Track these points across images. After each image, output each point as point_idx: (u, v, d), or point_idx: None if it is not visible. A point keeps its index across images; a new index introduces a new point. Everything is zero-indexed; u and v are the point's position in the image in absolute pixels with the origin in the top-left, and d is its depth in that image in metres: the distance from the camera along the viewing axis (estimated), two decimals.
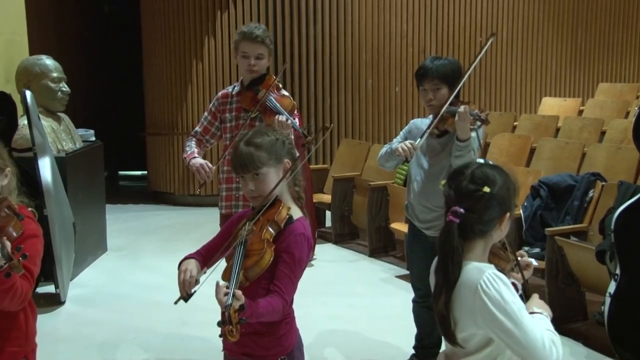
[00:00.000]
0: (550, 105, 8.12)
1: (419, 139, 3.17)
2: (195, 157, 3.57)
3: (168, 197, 8.12)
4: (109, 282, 5.26)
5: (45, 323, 4.05)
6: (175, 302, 2.13)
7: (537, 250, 4.39)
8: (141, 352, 3.98)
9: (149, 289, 5.02)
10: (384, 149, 3.38)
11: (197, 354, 3.94)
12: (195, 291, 2.13)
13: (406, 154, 3.13)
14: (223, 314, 1.89)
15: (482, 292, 1.78)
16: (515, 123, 7.17)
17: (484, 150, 6.03)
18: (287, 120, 3.32)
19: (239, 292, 1.95)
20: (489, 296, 1.77)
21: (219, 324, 1.88)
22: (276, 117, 3.35)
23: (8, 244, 1.90)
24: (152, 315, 4.50)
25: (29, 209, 2.27)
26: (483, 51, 3.21)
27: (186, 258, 2.26)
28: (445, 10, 8.49)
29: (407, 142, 3.15)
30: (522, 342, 1.75)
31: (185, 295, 2.12)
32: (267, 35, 3.50)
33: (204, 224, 6.66)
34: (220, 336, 1.89)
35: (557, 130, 6.67)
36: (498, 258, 1.99)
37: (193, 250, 2.40)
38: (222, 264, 2.24)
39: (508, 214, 1.91)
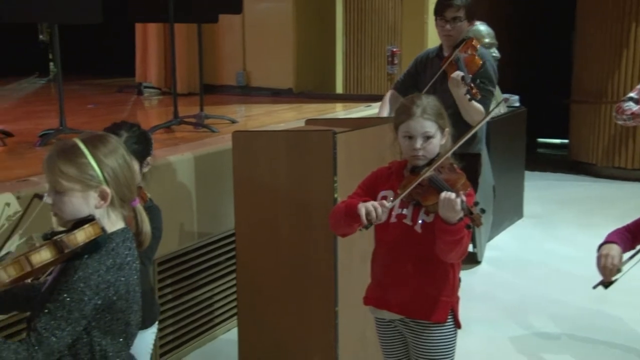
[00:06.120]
0: None
1: None
2: None
3: (589, 168, 7.75)
4: (521, 248, 5.29)
5: (464, 280, 4.27)
6: (594, 287, 2.06)
7: None
8: (551, 323, 3.92)
9: (562, 260, 4.91)
10: None
11: (616, 337, 3.68)
12: (616, 279, 2.02)
13: None
14: None
15: None
16: None
17: None
18: None
19: None
20: None
21: None
22: None
23: (464, 199, 1.99)
24: (566, 287, 4.38)
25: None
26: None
27: (607, 242, 2.13)
28: None
29: None
30: None
31: (607, 282, 2.04)
32: None
33: (627, 199, 6.23)
34: None
35: None
36: None
37: (613, 227, 2.25)
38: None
39: None
